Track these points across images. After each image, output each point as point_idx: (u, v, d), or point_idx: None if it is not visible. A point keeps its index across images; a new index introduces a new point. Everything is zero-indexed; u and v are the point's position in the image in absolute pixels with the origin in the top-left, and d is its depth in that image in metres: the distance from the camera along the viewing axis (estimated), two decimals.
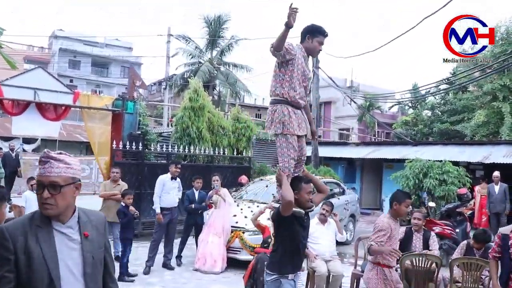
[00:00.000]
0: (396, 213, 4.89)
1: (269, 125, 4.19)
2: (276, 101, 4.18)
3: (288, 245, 4.18)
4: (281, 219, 4.06)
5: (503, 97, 20.02)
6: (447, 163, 12.58)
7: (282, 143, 4.12)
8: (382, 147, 19.37)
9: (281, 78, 4.14)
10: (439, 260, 6.35)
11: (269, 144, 21.24)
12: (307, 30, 4.28)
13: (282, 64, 4.12)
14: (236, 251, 8.74)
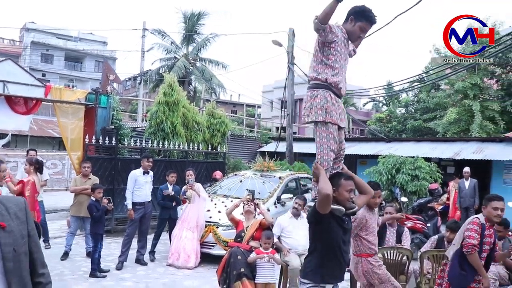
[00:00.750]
0: (369, 205, 5.09)
1: (307, 112, 3.76)
2: (317, 85, 3.75)
3: (325, 249, 3.67)
4: (317, 218, 3.60)
5: (473, 95, 20.43)
6: (419, 159, 12.79)
7: (322, 132, 3.70)
8: (356, 143, 19.54)
9: (324, 63, 3.74)
10: (410, 253, 6.46)
11: (244, 140, 21.30)
12: (353, 11, 3.86)
13: (324, 47, 3.72)
14: (209, 246, 8.73)
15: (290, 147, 16.58)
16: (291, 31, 17.01)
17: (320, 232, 3.67)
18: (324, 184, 3.41)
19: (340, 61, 3.75)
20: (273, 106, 38.02)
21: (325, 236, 3.65)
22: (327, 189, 3.38)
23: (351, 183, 3.73)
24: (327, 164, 3.65)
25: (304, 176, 11.99)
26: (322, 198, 3.38)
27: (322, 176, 3.49)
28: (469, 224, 4.93)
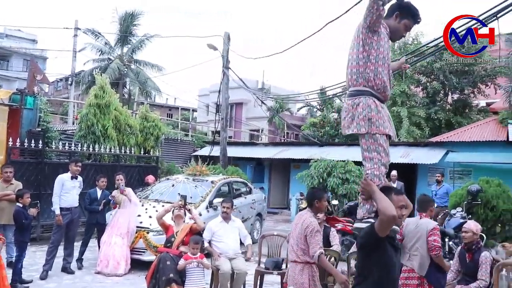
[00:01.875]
0: (317, 210, 5.10)
1: (348, 123, 3.44)
2: (358, 92, 3.39)
3: (384, 276, 3.20)
4: (374, 242, 3.14)
5: (401, 102, 21.27)
6: (349, 162, 13.18)
7: (370, 145, 3.36)
8: (290, 147, 19.87)
9: (365, 61, 3.35)
10: (337, 254, 6.63)
11: (178, 144, 21.11)
12: (400, 6, 3.51)
13: (366, 40, 3.34)
14: (140, 252, 8.58)
15: (224, 151, 16.60)
16: (226, 35, 17.06)
17: (377, 256, 3.19)
18: (387, 204, 2.99)
19: (384, 58, 3.40)
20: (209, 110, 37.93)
21: (382, 261, 3.20)
22: (393, 210, 2.96)
23: (402, 198, 3.37)
24: (379, 180, 3.33)
25: (236, 180, 12.06)
26: (388, 220, 2.96)
27: (378, 194, 3.08)
28: (432, 230, 5.12)
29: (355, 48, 3.40)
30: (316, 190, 5.42)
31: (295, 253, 5.01)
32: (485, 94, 22.07)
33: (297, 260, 4.99)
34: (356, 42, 3.39)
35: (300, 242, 4.97)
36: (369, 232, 3.15)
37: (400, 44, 22.51)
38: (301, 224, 5.03)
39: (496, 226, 10.23)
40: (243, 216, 11.11)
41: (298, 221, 5.11)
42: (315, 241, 4.85)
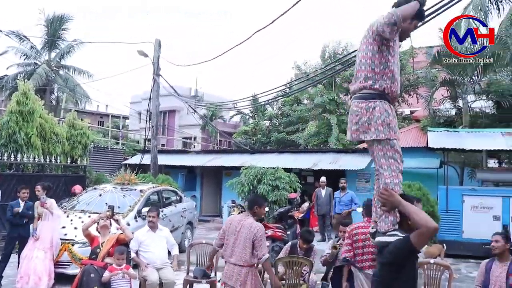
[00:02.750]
0: (256, 215, 5.23)
1: (364, 128, 3.19)
2: (372, 95, 3.19)
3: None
4: (407, 256, 2.93)
5: (331, 109, 21.92)
6: (279, 169, 13.39)
7: (387, 152, 3.18)
8: (222, 155, 19.91)
9: (382, 68, 3.20)
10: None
11: (108, 152, 20.59)
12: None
13: (383, 46, 3.20)
14: (65, 265, 8.27)
15: (154, 159, 16.38)
16: (157, 42, 16.89)
17: (407, 272, 2.99)
18: (424, 215, 2.84)
19: (397, 64, 3.30)
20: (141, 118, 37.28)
21: (412, 275, 3.05)
22: (432, 221, 2.80)
23: (420, 206, 3.41)
24: (399, 188, 3.16)
25: (166, 189, 11.95)
26: (430, 232, 2.80)
27: (408, 205, 2.95)
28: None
29: (370, 53, 3.22)
30: (258, 197, 5.68)
31: (242, 257, 5.05)
32: (408, 103, 23.17)
33: (244, 264, 5.04)
34: (371, 46, 3.22)
35: (249, 246, 5.02)
36: (403, 247, 2.90)
37: (331, 53, 23.23)
38: (248, 227, 5.09)
39: None
40: (174, 225, 11.01)
41: (241, 225, 5.16)
42: (264, 244, 5.02)
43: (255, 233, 5.00)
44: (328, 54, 23.35)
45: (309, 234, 7.15)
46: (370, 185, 16.28)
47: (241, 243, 5.06)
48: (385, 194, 3.09)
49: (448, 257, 10.97)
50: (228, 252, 5.20)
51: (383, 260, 3.05)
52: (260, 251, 5.00)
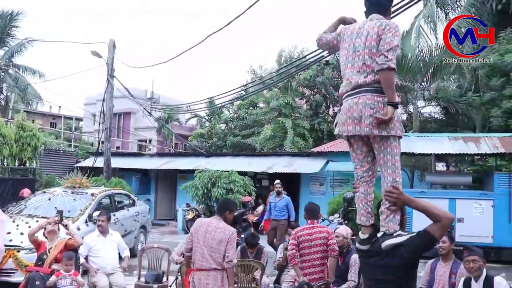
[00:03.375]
0: (225, 220, 5.20)
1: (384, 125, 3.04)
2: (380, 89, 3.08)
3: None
4: (420, 253, 2.99)
5: (286, 113, 22.11)
6: (233, 173, 13.39)
7: (394, 149, 3.12)
8: (177, 158, 19.73)
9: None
10: None
11: (60, 155, 20.08)
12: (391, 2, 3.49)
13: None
14: (9, 273, 7.93)
15: (108, 162, 16.06)
16: (111, 42, 16.58)
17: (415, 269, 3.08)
18: (441, 208, 2.91)
19: None
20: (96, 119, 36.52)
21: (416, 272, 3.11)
22: (449, 212, 2.90)
23: None
24: (401, 187, 3.13)
25: (119, 192, 11.73)
26: (451, 222, 2.90)
27: (420, 201, 3.00)
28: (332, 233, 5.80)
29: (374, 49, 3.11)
30: (230, 202, 5.74)
31: (215, 261, 5.00)
32: None
33: (218, 268, 5.00)
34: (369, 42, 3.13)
35: (222, 249, 4.99)
36: (426, 243, 2.93)
37: (287, 58, 23.44)
38: (222, 230, 5.05)
39: None
40: (126, 229, 10.81)
41: (212, 227, 5.10)
42: (233, 247, 5.04)
43: (229, 236, 5.00)
44: (284, 58, 23.57)
45: (253, 238, 7.18)
46: (324, 188, 16.51)
47: (214, 246, 5.00)
48: (395, 193, 3.04)
49: None
50: (198, 256, 5.10)
51: (400, 261, 2.97)
52: (230, 254, 4.98)
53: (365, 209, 3.21)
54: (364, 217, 3.18)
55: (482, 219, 11.85)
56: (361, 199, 3.22)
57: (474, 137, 13.12)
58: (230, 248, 5.00)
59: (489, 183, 12.57)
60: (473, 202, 12.01)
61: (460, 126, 16.22)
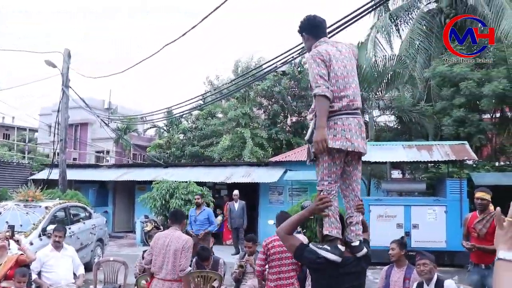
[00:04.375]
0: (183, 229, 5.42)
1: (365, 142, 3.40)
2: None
3: None
4: None
5: (245, 123, 22.19)
6: (191, 183, 13.33)
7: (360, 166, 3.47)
8: (135, 169, 19.47)
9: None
10: None
11: (13, 167, 19.54)
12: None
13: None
14: None
15: (63, 174, 15.70)
16: (66, 52, 16.28)
17: None
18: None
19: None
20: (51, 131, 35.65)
21: None
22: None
23: None
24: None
25: (75, 205, 11.49)
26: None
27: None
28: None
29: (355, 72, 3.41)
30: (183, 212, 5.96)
31: (172, 271, 5.00)
32: None
33: (174, 279, 5.02)
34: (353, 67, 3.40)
35: (177, 259, 5.01)
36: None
37: (244, 68, 23.60)
38: (177, 239, 5.07)
39: None
40: (82, 243, 10.59)
41: (169, 239, 5.12)
42: (189, 257, 5.07)
43: (184, 244, 5.02)
44: (241, 68, 23.72)
45: (204, 251, 7.16)
46: (283, 198, 16.62)
47: (171, 256, 5.01)
48: (361, 204, 3.35)
49: None
50: (157, 267, 5.11)
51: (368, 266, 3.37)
52: (184, 263, 5.00)
53: (337, 222, 3.26)
54: (336, 230, 3.23)
55: (435, 225, 12.21)
56: (336, 212, 3.26)
57: (427, 145, 13.50)
58: (183, 256, 5.02)
59: (441, 189, 12.98)
60: (427, 208, 12.38)
61: (413, 135, 16.65)
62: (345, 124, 3.21)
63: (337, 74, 3.24)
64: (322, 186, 3.22)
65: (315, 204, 3.23)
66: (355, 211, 3.31)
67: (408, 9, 19.04)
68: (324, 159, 3.20)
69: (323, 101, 3.14)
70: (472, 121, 14.39)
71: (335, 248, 3.14)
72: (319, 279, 3.28)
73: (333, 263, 3.11)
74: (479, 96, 14.13)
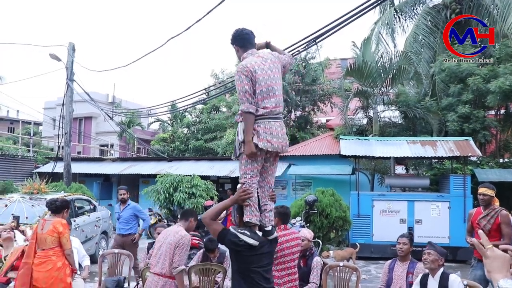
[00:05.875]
0: (188, 227, 5.35)
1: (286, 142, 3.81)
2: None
3: None
4: None
5: None
6: (195, 177, 13.34)
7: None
8: (139, 162, 19.52)
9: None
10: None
11: (18, 160, 19.61)
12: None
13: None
14: None
15: (68, 167, 15.76)
16: (71, 46, 16.30)
17: None
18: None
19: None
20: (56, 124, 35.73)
21: None
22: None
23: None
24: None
25: (79, 198, 11.56)
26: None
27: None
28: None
29: (280, 80, 3.79)
30: (191, 210, 6.04)
31: (161, 265, 5.00)
32: (324, 111, 23.96)
33: (164, 274, 5.01)
34: (278, 75, 3.78)
35: (170, 253, 4.99)
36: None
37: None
38: (174, 233, 5.08)
39: (331, 232, 11.11)
40: (87, 235, 10.67)
41: (168, 233, 5.18)
42: (184, 255, 5.02)
43: (179, 240, 5.00)
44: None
45: (211, 243, 7.17)
46: (287, 192, 16.65)
47: (163, 250, 5.02)
48: (275, 194, 3.91)
49: (360, 259, 11.43)
50: (154, 261, 5.13)
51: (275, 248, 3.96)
52: (177, 260, 4.95)
53: (256, 210, 3.66)
54: (256, 218, 3.64)
55: (439, 220, 12.23)
56: (256, 202, 3.64)
57: (431, 141, 13.47)
58: (177, 253, 5.00)
59: (445, 185, 12.97)
60: (431, 204, 12.38)
61: (418, 130, 16.59)
62: (267, 127, 3.60)
63: (261, 84, 3.61)
64: (245, 179, 3.61)
65: (238, 195, 3.61)
66: (269, 200, 3.80)
67: (413, 4, 18.94)
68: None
69: (248, 117, 3.54)
70: (477, 118, 14.33)
71: (254, 233, 3.58)
72: (239, 259, 3.66)
73: (252, 245, 3.53)
74: (485, 92, 14.07)
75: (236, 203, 3.73)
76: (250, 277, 3.63)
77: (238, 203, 3.70)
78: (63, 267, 5.71)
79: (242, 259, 3.65)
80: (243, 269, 3.67)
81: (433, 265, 4.96)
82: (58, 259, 5.70)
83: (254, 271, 3.65)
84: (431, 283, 4.98)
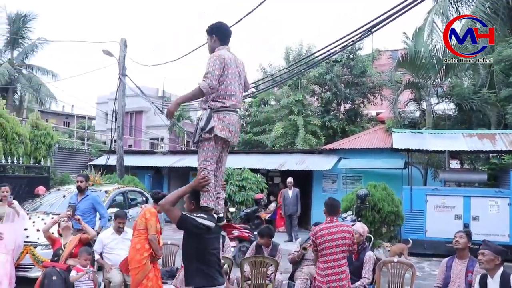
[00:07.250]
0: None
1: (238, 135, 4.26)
2: None
3: None
4: None
5: (297, 111, 22.00)
6: (246, 170, 13.37)
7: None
8: (189, 155, 19.75)
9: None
10: (230, 261, 6.72)
11: (73, 153, 20.25)
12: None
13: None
14: (26, 269, 8.04)
15: (120, 160, 16.16)
16: (123, 41, 16.67)
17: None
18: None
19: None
20: (108, 118, 36.70)
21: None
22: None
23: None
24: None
25: (132, 190, 11.82)
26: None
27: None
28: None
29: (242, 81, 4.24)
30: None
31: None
32: (374, 103, 23.50)
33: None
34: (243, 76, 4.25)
35: None
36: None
37: (295, 56, 23.38)
38: None
39: (382, 227, 10.91)
40: None
41: None
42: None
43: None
44: (292, 56, 23.52)
45: (269, 229, 7.20)
46: (337, 186, 16.46)
47: None
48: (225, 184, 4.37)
49: (412, 255, 11.17)
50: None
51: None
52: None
53: (213, 196, 3.98)
54: (213, 203, 3.96)
55: (498, 217, 11.76)
56: (213, 188, 3.97)
57: (490, 134, 12.97)
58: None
59: (505, 180, 12.43)
60: (489, 200, 11.91)
61: (474, 123, 15.98)
62: (231, 119, 3.99)
63: (231, 78, 4.02)
64: (204, 165, 3.93)
65: (198, 181, 3.86)
66: (221, 190, 4.20)
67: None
68: (210, 143, 3.93)
69: (198, 92, 3.88)
70: None
71: (212, 217, 3.91)
72: (197, 242, 3.85)
73: (209, 228, 3.79)
74: None
75: (195, 188, 3.92)
76: (208, 259, 3.86)
77: (197, 188, 3.91)
78: (141, 249, 6.05)
79: (201, 242, 3.85)
80: (201, 252, 3.86)
81: (488, 265, 4.71)
82: (138, 241, 6.10)
83: (211, 253, 3.89)
84: (490, 285, 4.71)
